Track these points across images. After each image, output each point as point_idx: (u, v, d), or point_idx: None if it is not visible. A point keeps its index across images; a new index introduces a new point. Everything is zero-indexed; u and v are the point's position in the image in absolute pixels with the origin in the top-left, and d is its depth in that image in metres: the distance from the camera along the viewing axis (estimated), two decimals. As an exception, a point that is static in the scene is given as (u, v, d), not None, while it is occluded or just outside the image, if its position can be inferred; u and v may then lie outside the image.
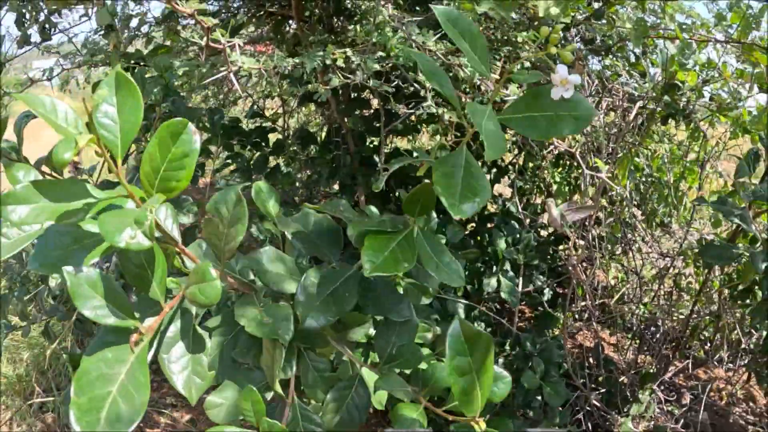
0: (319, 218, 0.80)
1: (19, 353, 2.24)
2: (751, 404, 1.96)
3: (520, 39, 1.40)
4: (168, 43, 1.93)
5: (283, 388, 0.74)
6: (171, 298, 0.62)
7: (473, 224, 2.57)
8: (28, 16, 1.50)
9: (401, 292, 1.59)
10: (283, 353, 0.68)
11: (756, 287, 1.41)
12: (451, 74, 1.44)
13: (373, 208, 0.94)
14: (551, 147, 1.52)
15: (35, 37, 1.54)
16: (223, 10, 1.96)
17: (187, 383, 0.61)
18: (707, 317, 1.80)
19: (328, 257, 0.76)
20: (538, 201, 2.35)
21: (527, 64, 1.39)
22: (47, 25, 1.52)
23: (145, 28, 1.68)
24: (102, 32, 1.54)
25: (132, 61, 1.52)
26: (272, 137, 2.25)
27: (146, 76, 1.46)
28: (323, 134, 2.60)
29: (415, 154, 0.77)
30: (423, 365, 0.78)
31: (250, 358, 0.73)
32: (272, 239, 1.94)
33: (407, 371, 0.78)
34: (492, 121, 0.59)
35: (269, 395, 0.74)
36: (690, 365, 1.72)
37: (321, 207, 0.81)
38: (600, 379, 1.74)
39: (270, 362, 0.69)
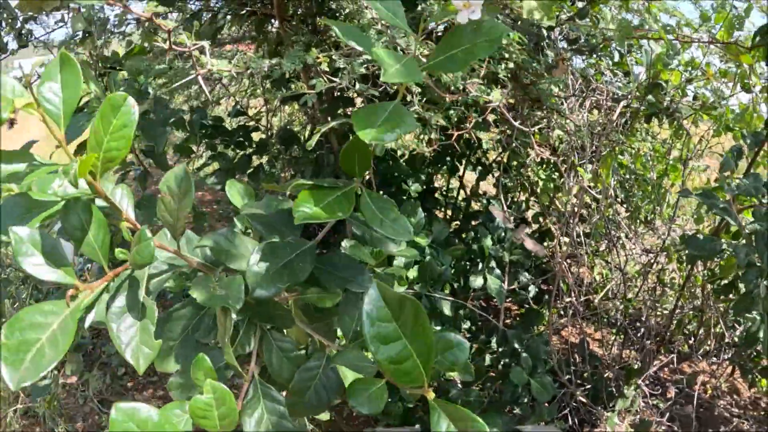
0: (281, 201, 0.79)
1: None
2: (735, 397, 2.00)
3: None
4: (146, 45, 1.91)
5: (245, 367, 0.73)
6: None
7: (458, 222, 2.58)
8: (3, 23, 1.47)
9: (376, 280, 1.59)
10: (232, 322, 0.67)
11: (738, 282, 1.43)
12: (433, 78, 1.44)
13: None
14: (533, 154, 1.53)
15: (12, 45, 1.51)
16: (204, 10, 1.94)
17: (135, 352, 0.62)
18: (691, 312, 1.83)
19: (287, 237, 0.75)
20: (523, 198, 2.36)
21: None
22: (23, 32, 1.49)
23: (124, 30, 1.66)
24: (78, 37, 1.51)
25: (108, 65, 1.49)
26: (256, 136, 2.23)
27: (120, 78, 1.45)
28: (306, 133, 2.59)
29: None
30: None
31: (213, 339, 0.74)
32: (247, 232, 1.92)
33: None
34: (402, 60, 0.61)
35: (229, 374, 0.74)
36: (675, 359, 1.75)
37: (282, 187, 0.81)
38: (585, 375, 1.76)
39: (222, 333, 0.69)
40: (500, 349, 1.81)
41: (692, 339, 1.88)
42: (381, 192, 2.30)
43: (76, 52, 1.53)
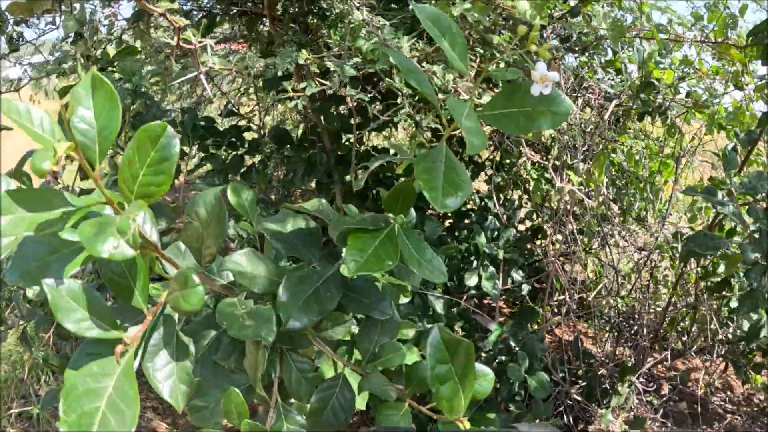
0: (298, 218, 0.79)
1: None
2: (729, 393, 2.02)
3: (495, 41, 1.40)
4: (138, 44, 1.89)
5: (267, 390, 0.73)
6: (152, 305, 0.61)
7: (450, 220, 2.58)
8: None
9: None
10: (266, 355, 0.67)
11: (732, 279, 1.44)
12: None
13: (353, 207, 0.94)
14: (524, 158, 1.53)
15: (4, 49, 1.49)
16: (195, 9, 1.92)
17: (174, 391, 0.60)
18: (684, 309, 1.84)
19: (308, 257, 0.75)
20: (515, 196, 2.37)
21: (502, 64, 1.40)
22: (14, 36, 1.47)
23: (115, 31, 1.64)
24: (71, 39, 1.50)
25: (100, 66, 1.48)
26: (248, 136, 2.22)
27: (114, 79, 1.43)
28: (299, 132, 2.58)
29: (392, 151, 0.77)
30: (408, 360, 0.78)
31: (233, 361, 0.73)
32: (249, 239, 1.92)
33: (391, 368, 0.78)
34: (471, 116, 0.60)
35: (251, 398, 0.74)
36: (668, 356, 1.76)
37: (300, 207, 0.80)
38: (579, 372, 1.77)
39: (253, 364, 0.68)
40: (497, 347, 1.82)
41: (686, 336, 1.90)
42: (374, 190, 2.30)
43: (69, 53, 1.52)
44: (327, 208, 0.82)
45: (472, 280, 1.96)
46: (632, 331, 1.87)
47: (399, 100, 1.40)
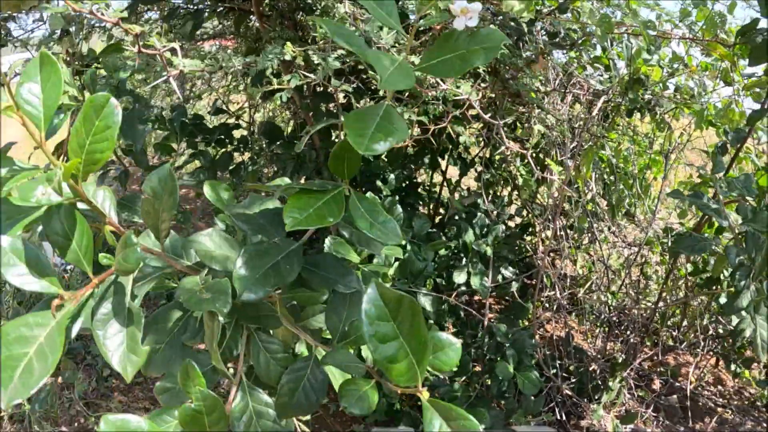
0: (266, 201, 0.79)
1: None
2: (719, 387, 2.03)
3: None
4: (130, 38, 1.87)
5: (232, 369, 0.73)
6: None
7: (441, 216, 2.58)
8: None
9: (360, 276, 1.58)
10: (220, 326, 0.66)
11: (722, 276, 1.44)
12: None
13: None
14: (502, 148, 1.52)
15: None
16: (182, 7, 1.90)
17: (123, 360, 0.61)
18: (674, 304, 1.84)
19: (273, 235, 0.74)
20: (505, 193, 2.37)
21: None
22: (1, 31, 1.45)
23: (104, 26, 1.63)
24: (57, 36, 1.48)
25: (86, 62, 1.46)
26: (237, 134, 2.21)
27: (98, 75, 1.42)
28: (289, 129, 2.57)
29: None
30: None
31: (199, 342, 0.73)
32: (229, 230, 1.91)
33: (362, 346, 0.76)
34: (395, 63, 0.60)
35: (216, 377, 0.73)
36: (659, 352, 1.76)
37: (265, 186, 0.80)
38: (571, 368, 1.77)
39: (210, 336, 0.68)
40: (486, 343, 1.82)
41: (676, 331, 1.91)
42: (362, 188, 2.29)
43: (54, 51, 1.50)
44: (290, 187, 0.81)
45: (461, 277, 1.96)
46: (623, 327, 1.87)
47: (381, 92, 1.39)
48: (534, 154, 1.88)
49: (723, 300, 1.65)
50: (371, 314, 0.54)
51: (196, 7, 1.89)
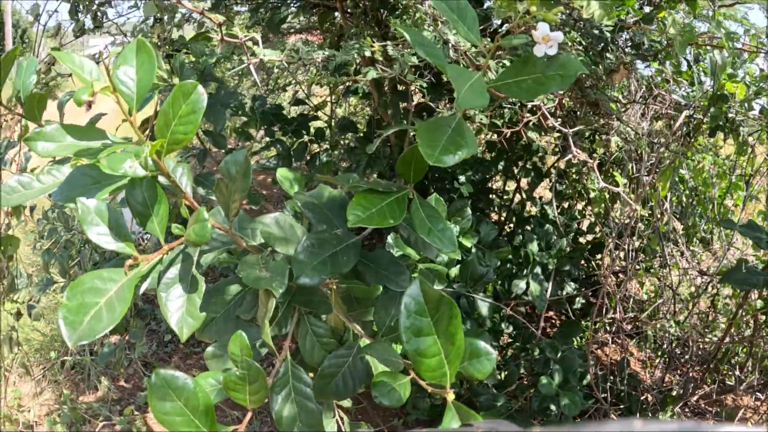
0: (333, 192, 0.81)
1: (56, 314, 2.36)
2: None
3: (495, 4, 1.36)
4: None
5: (280, 347, 0.76)
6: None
7: (511, 225, 2.53)
8: (81, 6, 1.59)
9: (416, 275, 1.59)
10: (273, 304, 0.69)
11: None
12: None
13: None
14: (568, 156, 1.47)
15: (89, 24, 1.63)
16: (268, 2, 1.99)
17: (180, 321, 0.65)
18: (740, 342, 1.71)
19: (335, 226, 0.77)
20: (579, 207, 2.29)
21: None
22: (99, 14, 1.60)
23: (192, 16, 1.74)
24: (150, 22, 1.60)
25: (175, 48, 1.57)
26: (316, 125, 2.28)
27: (186, 61, 1.52)
28: (366, 125, 2.62)
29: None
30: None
31: (252, 316, 0.76)
32: (296, 217, 1.97)
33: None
34: (471, 80, 0.60)
35: (264, 351, 0.76)
36: (718, 390, 1.64)
37: (334, 179, 0.83)
38: (622, 394, 1.69)
39: (263, 313, 0.71)
40: (535, 357, 1.78)
41: (739, 371, 1.77)
42: (433, 187, 2.30)
43: (147, 35, 1.62)
44: (358, 182, 0.84)
45: (519, 287, 1.92)
46: (683, 359, 1.76)
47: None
48: (608, 168, 1.81)
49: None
50: (410, 307, 0.56)
51: (281, 2, 1.97)
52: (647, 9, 1.49)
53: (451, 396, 0.58)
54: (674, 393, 1.64)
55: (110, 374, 1.96)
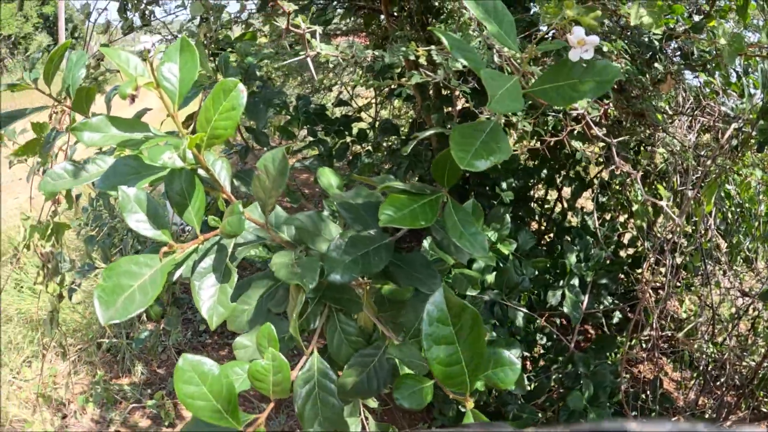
0: (370, 193, 0.82)
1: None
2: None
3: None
4: (267, 28, 2.04)
5: (307, 342, 0.77)
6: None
7: (551, 234, 2.50)
8: (130, 5, 1.66)
9: (451, 281, 1.57)
10: (303, 299, 0.71)
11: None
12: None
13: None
14: (612, 166, 1.44)
15: (137, 23, 1.70)
16: (316, 2, 2.03)
17: (211, 310, 0.67)
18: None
19: (370, 228, 0.78)
20: (621, 219, 2.24)
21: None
22: (147, 13, 1.67)
23: (241, 16, 1.79)
24: (196, 21, 1.66)
25: (220, 47, 1.62)
26: (359, 126, 2.30)
27: (231, 60, 1.56)
28: (408, 128, 2.63)
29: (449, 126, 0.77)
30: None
31: (283, 309, 0.78)
32: (333, 215, 2.00)
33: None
34: (506, 84, 0.60)
35: (292, 344, 0.77)
36: (752, 417, 1.58)
37: (371, 180, 0.83)
38: (653, 414, 1.65)
39: (292, 307, 0.73)
40: (566, 370, 1.75)
41: (778, 397, 1.69)
42: (474, 192, 2.29)
43: (193, 33, 1.68)
44: (395, 183, 0.84)
45: (555, 298, 1.90)
46: (719, 382, 1.69)
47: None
48: (652, 180, 1.76)
49: None
50: (432, 315, 0.56)
51: (327, 4, 2.00)
52: (697, 18, 1.45)
53: (470, 404, 0.59)
54: (707, 416, 1.58)
55: (144, 359, 2.03)
